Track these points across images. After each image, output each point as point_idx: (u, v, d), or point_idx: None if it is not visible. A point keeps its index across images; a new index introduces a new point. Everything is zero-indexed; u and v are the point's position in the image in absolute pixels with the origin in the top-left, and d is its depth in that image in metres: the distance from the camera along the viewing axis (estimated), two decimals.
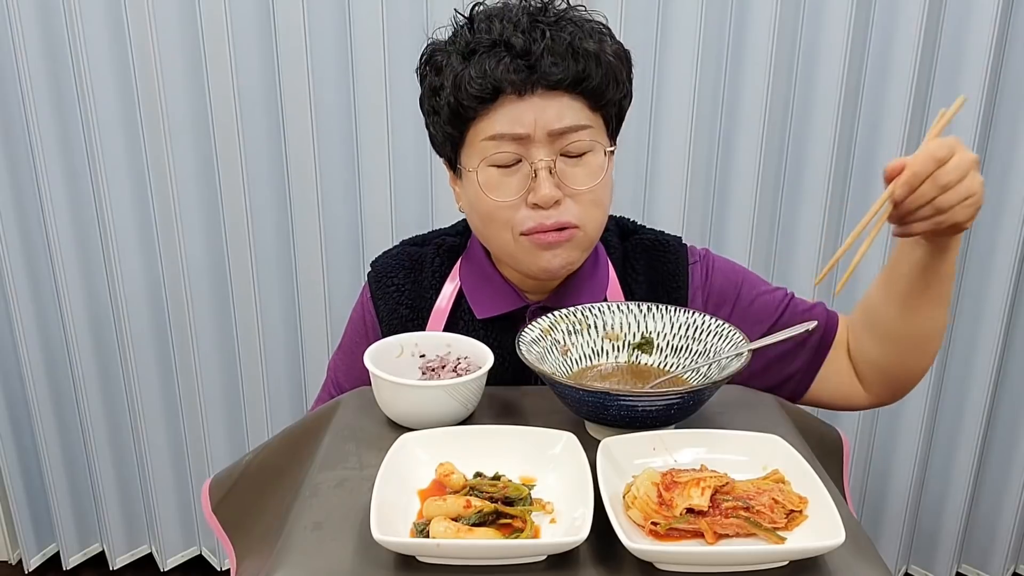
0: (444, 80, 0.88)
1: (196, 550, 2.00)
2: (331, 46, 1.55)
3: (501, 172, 0.88)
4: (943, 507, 1.83)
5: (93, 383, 1.80)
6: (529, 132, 0.85)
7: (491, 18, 0.88)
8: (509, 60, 0.84)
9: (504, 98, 0.85)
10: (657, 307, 0.92)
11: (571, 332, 0.92)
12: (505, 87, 0.84)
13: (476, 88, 0.85)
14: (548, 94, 0.85)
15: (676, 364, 0.90)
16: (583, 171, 0.89)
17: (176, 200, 1.64)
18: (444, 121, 0.89)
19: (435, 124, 0.92)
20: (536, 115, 0.85)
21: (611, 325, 0.93)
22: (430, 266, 1.04)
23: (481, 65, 0.84)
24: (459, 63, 0.86)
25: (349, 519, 0.68)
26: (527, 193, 0.88)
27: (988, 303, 1.66)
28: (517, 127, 0.86)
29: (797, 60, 1.53)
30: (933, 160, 0.76)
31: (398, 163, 1.62)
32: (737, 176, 1.60)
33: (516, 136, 0.86)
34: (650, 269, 1.02)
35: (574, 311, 0.92)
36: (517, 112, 0.85)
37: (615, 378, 0.90)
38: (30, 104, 1.57)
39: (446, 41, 0.91)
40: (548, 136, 0.86)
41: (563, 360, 0.91)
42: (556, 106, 0.86)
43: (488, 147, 0.87)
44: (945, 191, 0.77)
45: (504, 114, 0.86)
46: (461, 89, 0.85)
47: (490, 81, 0.84)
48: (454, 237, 1.07)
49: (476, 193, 0.90)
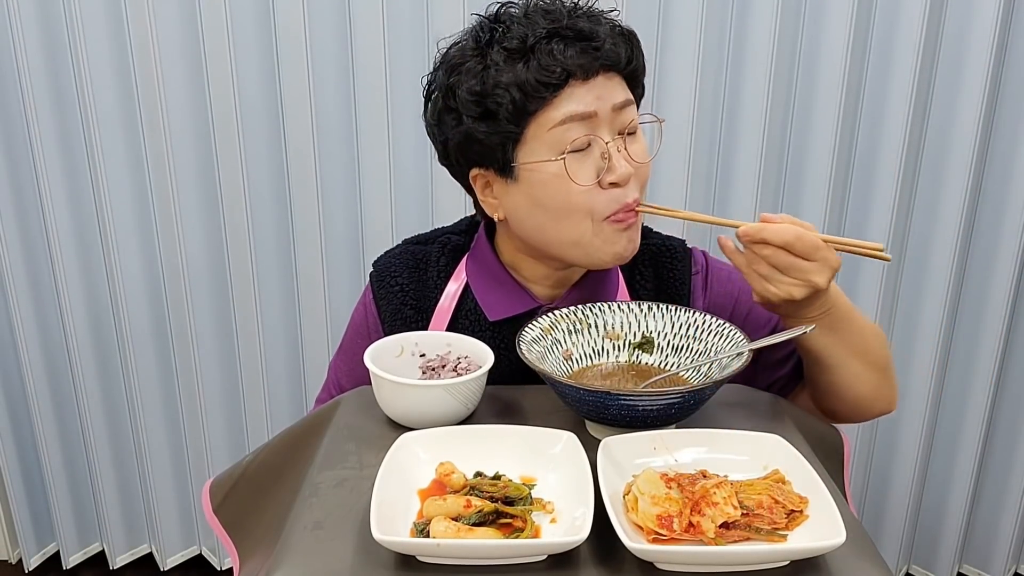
0: (495, 79, 0.87)
1: (196, 549, 2.00)
2: (331, 45, 1.55)
3: (576, 157, 0.89)
4: (944, 507, 1.83)
5: (93, 382, 1.80)
6: (596, 110, 0.87)
7: (528, 14, 0.89)
8: (575, 46, 0.86)
9: (571, 83, 0.87)
10: (658, 306, 0.92)
11: (571, 331, 0.92)
12: (575, 71, 0.86)
13: (546, 76, 0.85)
14: (607, 75, 0.88)
15: (677, 363, 0.90)
16: (640, 147, 0.92)
17: (176, 199, 1.64)
18: (504, 119, 0.88)
19: (486, 128, 0.89)
20: (601, 93, 0.87)
21: (612, 324, 0.93)
22: (435, 265, 1.03)
23: (548, 53, 0.85)
24: (515, 58, 0.86)
25: (349, 519, 0.68)
26: (601, 175, 0.89)
27: (989, 303, 1.65)
28: (586, 107, 0.87)
29: (798, 62, 1.53)
30: (791, 238, 0.81)
31: (398, 163, 1.62)
32: (737, 177, 1.60)
33: (585, 115, 0.87)
34: (657, 276, 1.03)
35: (574, 311, 0.92)
36: (582, 94, 0.87)
37: (616, 377, 0.90)
38: (30, 103, 1.57)
39: (469, 46, 0.90)
40: (612, 112, 0.88)
41: (564, 361, 0.91)
42: (613, 84, 0.89)
43: (558, 134, 0.87)
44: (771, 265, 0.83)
45: (571, 98, 0.87)
46: (528, 81, 0.86)
47: (560, 66, 0.85)
48: (458, 236, 1.07)
49: (552, 185, 0.89)
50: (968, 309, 1.68)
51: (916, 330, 1.69)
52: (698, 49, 1.49)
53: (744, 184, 1.59)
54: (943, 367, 1.72)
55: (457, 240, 1.06)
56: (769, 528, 0.65)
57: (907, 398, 1.75)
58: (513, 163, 0.90)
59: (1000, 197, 1.59)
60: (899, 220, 1.60)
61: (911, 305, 1.69)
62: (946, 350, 1.70)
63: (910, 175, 1.58)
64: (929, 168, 1.59)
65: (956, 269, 1.62)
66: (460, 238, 1.06)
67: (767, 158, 1.57)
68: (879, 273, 1.63)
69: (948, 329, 1.67)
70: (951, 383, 1.74)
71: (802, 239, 0.81)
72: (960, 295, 1.67)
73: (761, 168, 1.57)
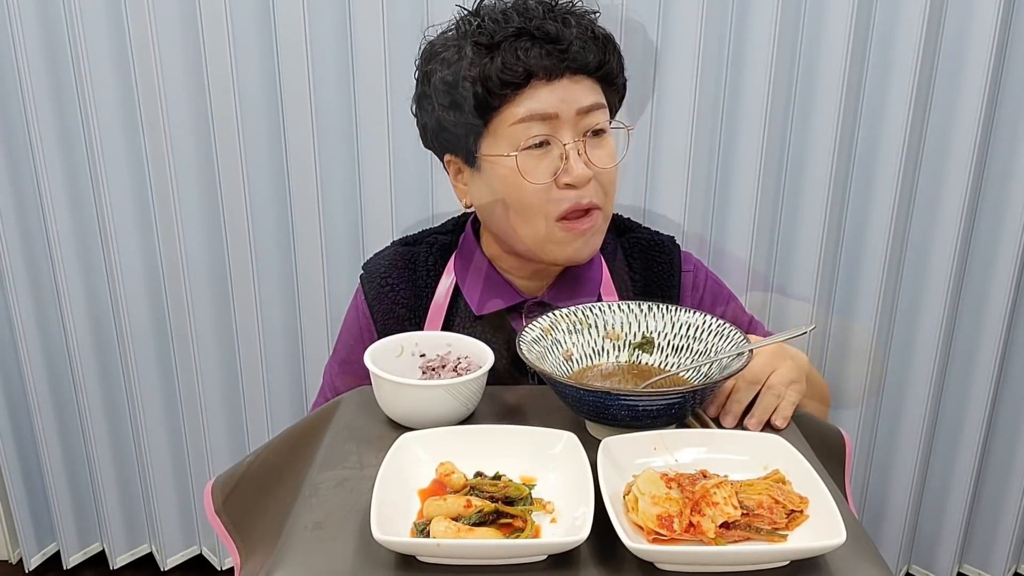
0: (464, 71, 0.89)
1: (196, 549, 2.00)
2: (332, 44, 1.55)
3: (533, 155, 0.90)
4: (944, 507, 1.83)
5: (93, 382, 1.80)
6: (558, 111, 0.88)
7: (506, 11, 0.90)
8: (541, 47, 0.87)
9: (533, 83, 0.88)
10: (658, 307, 0.92)
11: (571, 331, 0.92)
12: (537, 72, 0.87)
13: (509, 75, 0.87)
14: (574, 78, 0.89)
15: (677, 364, 0.90)
16: (605, 152, 0.93)
17: (176, 199, 1.63)
18: (468, 111, 0.90)
19: (452, 118, 0.92)
20: (564, 96, 0.88)
21: (611, 325, 0.93)
22: (424, 264, 1.04)
23: (513, 52, 0.87)
24: (482, 53, 0.88)
25: (349, 519, 0.68)
26: (557, 175, 0.90)
27: (989, 304, 1.65)
28: (547, 107, 0.88)
29: (798, 62, 1.53)
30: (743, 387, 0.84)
31: (399, 162, 1.61)
32: (738, 178, 1.60)
33: (545, 115, 0.88)
34: (646, 269, 1.03)
35: (575, 311, 0.92)
36: (545, 94, 0.88)
37: (616, 378, 0.90)
38: (30, 102, 1.57)
39: (451, 36, 0.92)
40: (576, 115, 0.89)
41: (564, 362, 0.91)
42: (580, 87, 0.89)
43: (518, 131, 0.89)
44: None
45: (532, 98, 0.88)
46: (491, 78, 0.87)
47: (522, 66, 0.87)
48: (445, 235, 1.09)
49: (508, 179, 0.91)
50: (968, 309, 1.68)
51: (916, 330, 1.69)
52: (698, 50, 1.49)
53: (744, 185, 1.59)
54: (943, 367, 1.72)
55: (444, 239, 1.07)
56: (769, 528, 0.65)
57: (907, 398, 1.75)
58: (476, 153, 0.93)
59: (1000, 197, 1.59)
60: (899, 220, 1.60)
61: (911, 305, 1.69)
62: (946, 350, 1.70)
63: (910, 175, 1.58)
64: (929, 168, 1.59)
65: (956, 269, 1.62)
66: (447, 237, 1.08)
67: (767, 159, 1.57)
68: (879, 273, 1.63)
69: (948, 329, 1.67)
70: (951, 383, 1.74)
71: (743, 381, 0.83)
72: (960, 295, 1.67)
73: (761, 169, 1.57)
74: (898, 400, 1.76)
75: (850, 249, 1.65)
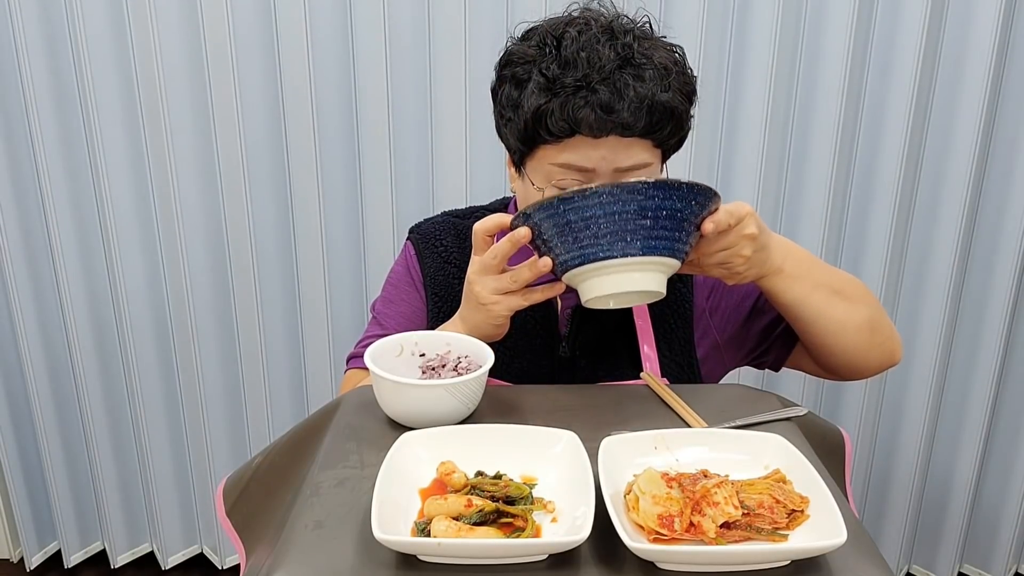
0: (524, 101, 0.90)
1: (197, 548, 2.00)
2: (332, 43, 1.55)
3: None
4: (945, 506, 1.83)
5: (94, 381, 1.80)
6: (596, 167, 0.90)
7: (578, 55, 0.88)
8: (591, 108, 0.87)
9: (580, 136, 0.89)
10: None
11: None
12: (583, 129, 0.88)
13: (556, 127, 0.88)
14: (621, 139, 0.89)
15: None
16: None
17: (177, 198, 1.64)
18: (516, 133, 0.93)
19: (507, 127, 0.95)
20: (606, 154, 0.89)
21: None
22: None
23: (564, 107, 0.87)
24: (542, 96, 0.89)
25: (350, 518, 0.68)
26: None
27: (990, 304, 1.65)
28: (586, 162, 0.90)
29: (798, 66, 1.53)
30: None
31: (399, 163, 1.62)
32: (738, 182, 1.60)
33: (583, 169, 0.90)
34: None
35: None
36: (589, 150, 0.89)
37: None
38: (31, 100, 1.57)
39: (530, 51, 0.91)
40: (613, 173, 0.91)
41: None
42: (626, 148, 0.90)
43: (555, 171, 0.92)
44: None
45: (576, 149, 0.90)
46: (541, 122, 0.89)
47: (570, 123, 0.88)
48: (492, 212, 1.10)
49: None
50: (969, 310, 1.68)
51: (917, 331, 1.69)
52: (699, 57, 1.49)
53: (745, 189, 1.59)
54: (944, 367, 1.72)
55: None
56: (770, 528, 0.65)
57: (908, 398, 1.75)
58: (522, 165, 0.97)
59: (1001, 199, 1.59)
60: (900, 222, 1.60)
61: (912, 306, 1.69)
62: (947, 350, 1.70)
63: (911, 178, 1.58)
64: (930, 171, 1.59)
65: (957, 271, 1.62)
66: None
67: (767, 163, 1.57)
68: (880, 274, 1.63)
69: (949, 330, 1.67)
70: (952, 383, 1.74)
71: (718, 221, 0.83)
72: (961, 296, 1.67)
73: (761, 173, 1.57)
74: (899, 400, 1.76)
75: (851, 251, 1.65)
